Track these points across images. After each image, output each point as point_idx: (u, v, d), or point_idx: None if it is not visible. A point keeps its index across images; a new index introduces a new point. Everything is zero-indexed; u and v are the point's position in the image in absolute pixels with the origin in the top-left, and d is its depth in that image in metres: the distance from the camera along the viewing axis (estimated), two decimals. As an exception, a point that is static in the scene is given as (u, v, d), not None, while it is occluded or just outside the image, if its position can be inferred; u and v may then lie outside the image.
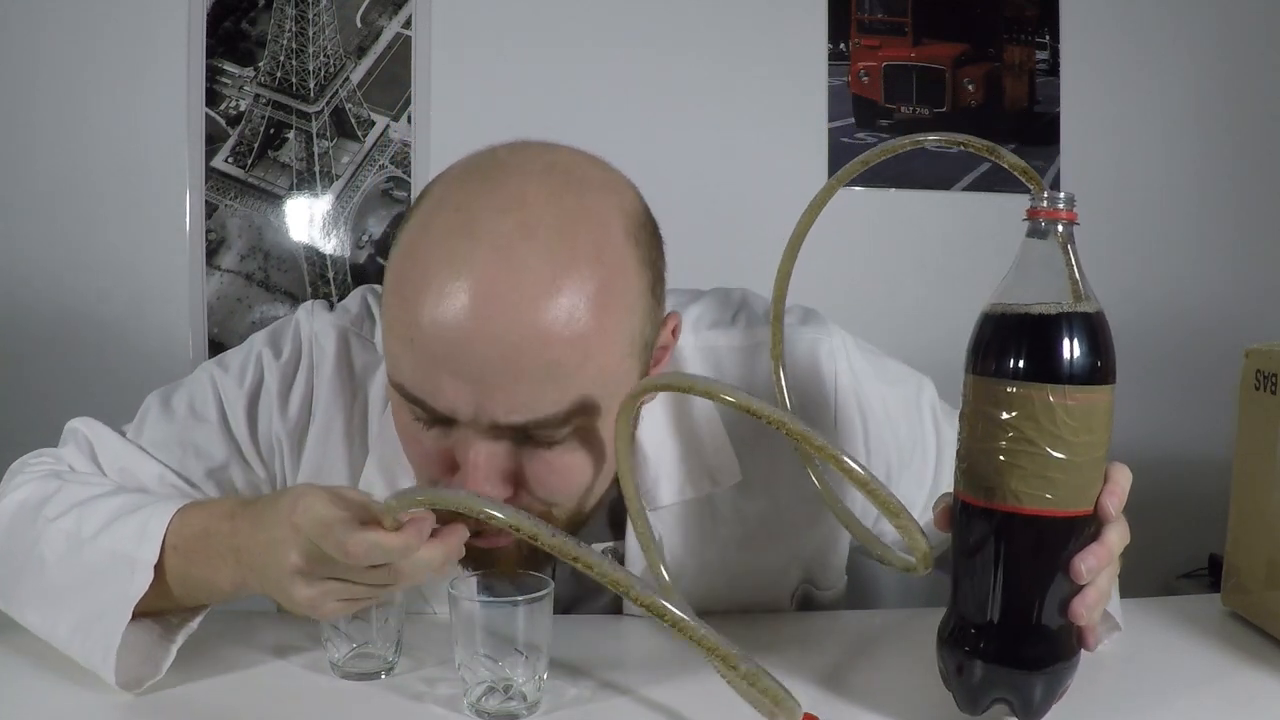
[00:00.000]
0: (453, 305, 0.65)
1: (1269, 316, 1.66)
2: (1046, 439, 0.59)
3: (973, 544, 0.64)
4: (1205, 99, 1.64)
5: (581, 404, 0.68)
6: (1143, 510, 1.78)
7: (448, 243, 0.67)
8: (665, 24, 1.58)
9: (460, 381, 0.66)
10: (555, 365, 0.66)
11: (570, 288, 0.66)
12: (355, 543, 0.62)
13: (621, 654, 0.83)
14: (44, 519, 0.78)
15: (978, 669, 0.64)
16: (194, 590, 0.75)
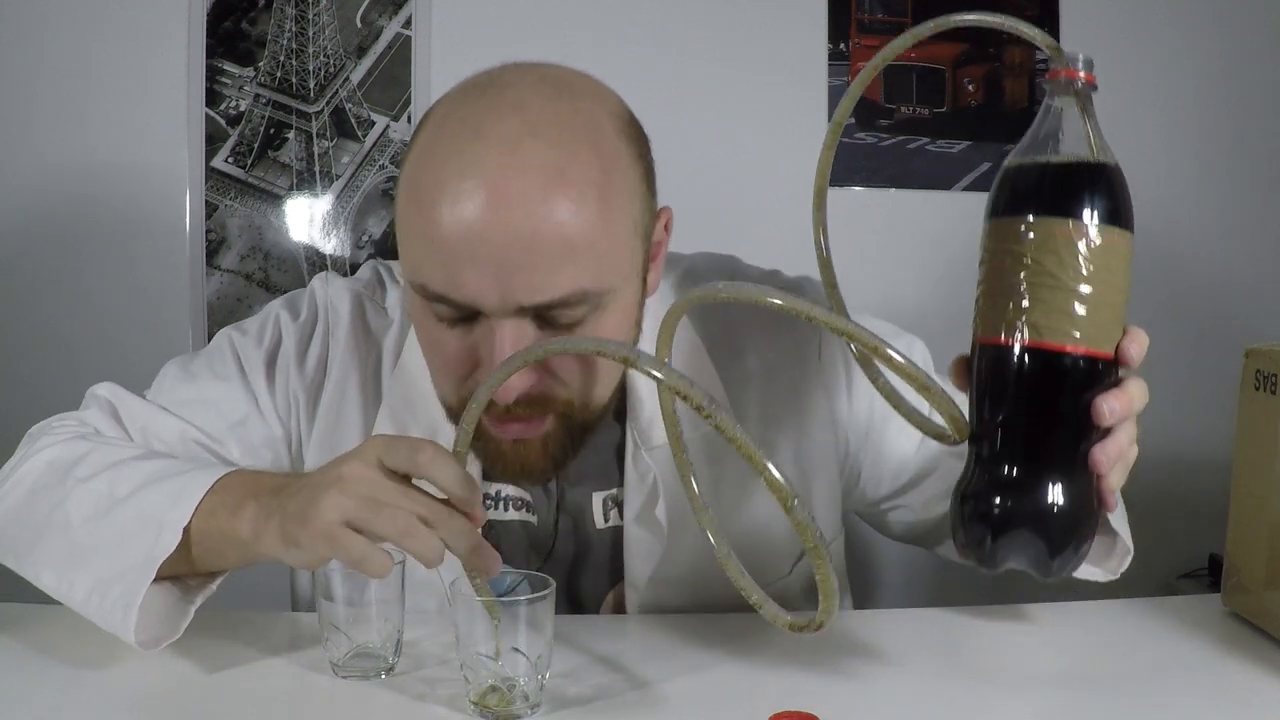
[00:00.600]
0: (469, 201, 0.70)
1: (1269, 316, 1.66)
2: (1067, 273, 0.59)
3: (992, 388, 0.62)
4: (1206, 99, 1.64)
5: (595, 282, 0.74)
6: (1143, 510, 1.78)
7: (457, 146, 0.72)
8: (665, 24, 1.58)
9: (481, 271, 0.71)
10: (568, 245, 0.71)
11: (575, 176, 0.72)
12: (430, 444, 0.66)
13: (621, 654, 0.83)
14: (74, 479, 0.78)
15: (996, 521, 0.61)
16: (211, 544, 0.75)
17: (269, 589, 0.99)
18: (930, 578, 1.69)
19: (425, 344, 0.80)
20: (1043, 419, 0.61)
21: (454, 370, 0.78)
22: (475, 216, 0.70)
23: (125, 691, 0.74)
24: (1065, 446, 0.61)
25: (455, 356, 0.77)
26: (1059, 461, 0.61)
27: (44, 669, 0.78)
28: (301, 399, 0.90)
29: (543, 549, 0.91)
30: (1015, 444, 0.62)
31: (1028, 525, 0.61)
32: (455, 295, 0.73)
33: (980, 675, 0.79)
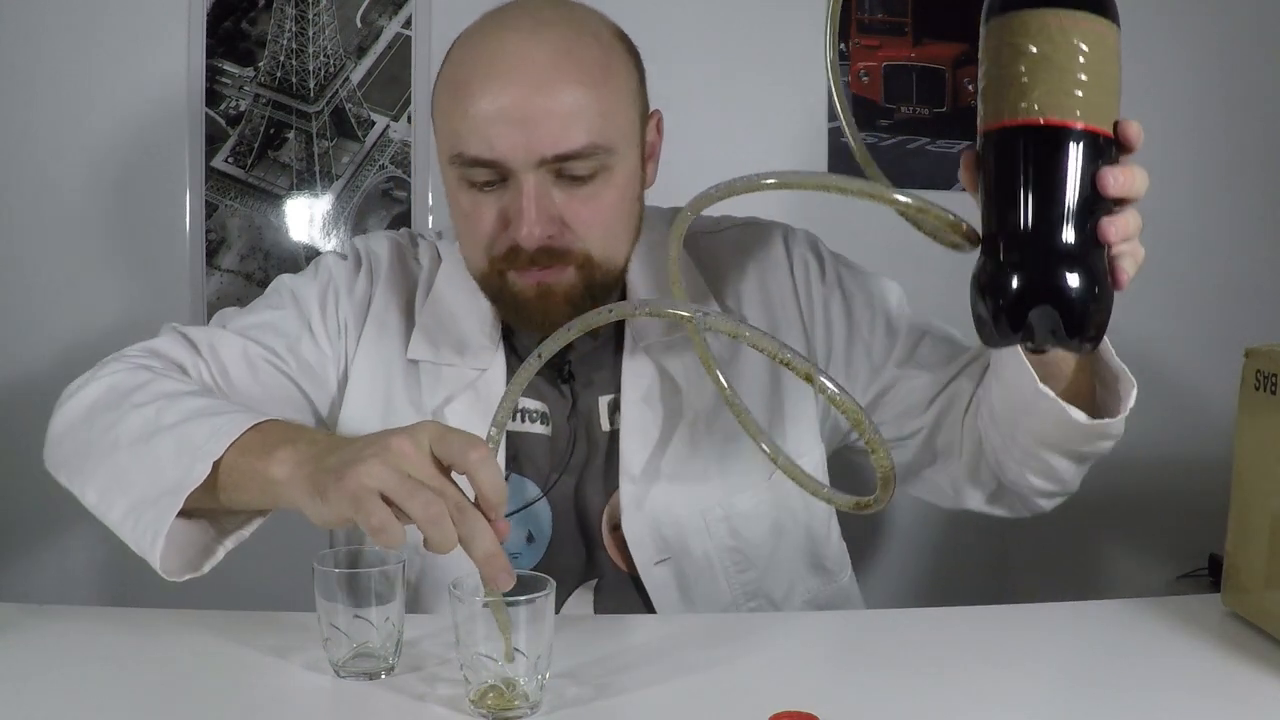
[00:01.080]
0: (497, 76, 0.87)
1: (1269, 316, 1.66)
2: (1063, 56, 0.64)
3: (1002, 171, 0.65)
4: (1204, 98, 1.64)
5: (602, 138, 0.88)
6: (1143, 510, 1.78)
7: (483, 40, 0.90)
8: (664, 24, 1.57)
9: (510, 131, 0.86)
10: (578, 105, 0.87)
11: (580, 54, 0.88)
12: (481, 444, 0.70)
13: (621, 654, 0.83)
14: (130, 404, 0.85)
15: (1014, 295, 0.63)
16: (239, 478, 0.78)
17: (270, 589, 0.99)
18: (930, 578, 1.69)
19: (460, 217, 0.93)
20: (1051, 193, 0.64)
21: (486, 232, 0.90)
22: (502, 87, 0.86)
23: (125, 691, 0.74)
24: (1075, 219, 0.64)
25: (488, 219, 0.90)
26: (1070, 234, 0.64)
27: (44, 669, 0.78)
28: (350, 323, 1.02)
29: (560, 457, 0.98)
30: (1027, 221, 0.64)
31: (1046, 294, 0.63)
32: (489, 155, 0.87)
33: (980, 675, 0.79)
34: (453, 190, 0.93)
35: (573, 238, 0.90)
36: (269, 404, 0.95)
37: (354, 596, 0.76)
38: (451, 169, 0.91)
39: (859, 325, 1.02)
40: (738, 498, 0.99)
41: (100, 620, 0.88)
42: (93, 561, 1.58)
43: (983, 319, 0.65)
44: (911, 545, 1.68)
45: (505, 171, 0.87)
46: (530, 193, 0.87)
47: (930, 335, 1.02)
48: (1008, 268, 0.64)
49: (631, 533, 0.96)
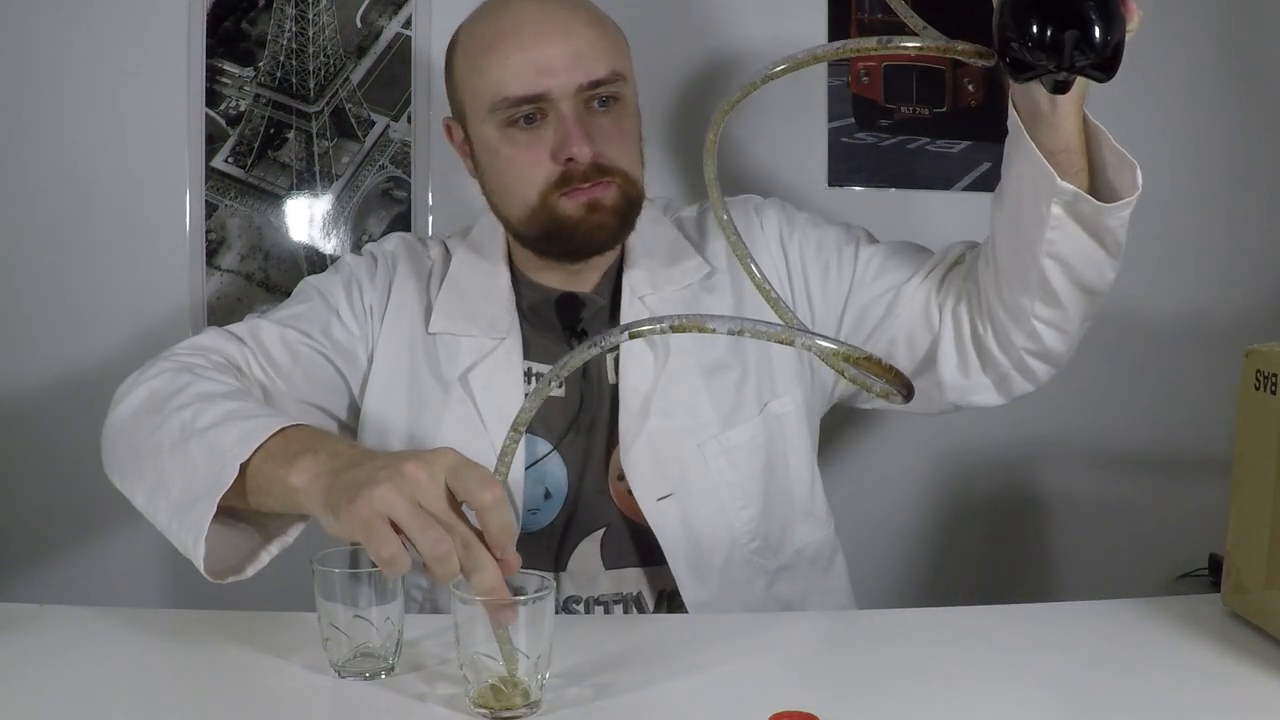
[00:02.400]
0: (523, 28, 1.01)
1: (1269, 316, 1.66)
2: None
3: None
4: (1205, 97, 1.64)
5: (621, 64, 1.04)
6: (1143, 510, 1.77)
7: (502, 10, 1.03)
8: (664, 24, 1.57)
9: (550, 65, 0.99)
10: (598, 41, 1.02)
11: (586, 7, 1.05)
12: (497, 485, 0.70)
13: (621, 654, 0.83)
14: (171, 408, 0.87)
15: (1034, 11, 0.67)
16: (263, 483, 0.79)
17: (271, 589, 0.99)
18: (930, 578, 1.69)
19: (505, 164, 1.04)
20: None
21: (535, 165, 1.01)
22: (535, 33, 1.00)
23: (125, 692, 0.74)
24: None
25: (536, 153, 1.01)
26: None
27: (44, 669, 0.78)
28: (375, 307, 1.10)
29: (573, 416, 1.06)
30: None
31: (1065, 18, 0.67)
32: (533, 90, 0.99)
33: (980, 675, 0.79)
34: (493, 145, 1.04)
35: (612, 152, 1.02)
36: (311, 387, 1.04)
37: (354, 596, 0.76)
38: (491, 120, 1.02)
39: (823, 260, 1.11)
40: (732, 431, 1.06)
41: (100, 620, 0.88)
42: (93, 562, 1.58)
43: (1011, 47, 0.69)
44: (911, 545, 1.68)
45: (547, 105, 1.00)
46: (574, 117, 1.00)
47: (898, 248, 1.12)
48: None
49: (632, 468, 1.02)
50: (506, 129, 1.02)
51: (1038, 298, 0.96)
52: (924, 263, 1.10)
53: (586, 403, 1.07)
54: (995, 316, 1.01)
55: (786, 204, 1.19)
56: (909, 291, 1.08)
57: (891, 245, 1.13)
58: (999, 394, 1.06)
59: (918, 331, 1.07)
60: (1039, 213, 0.90)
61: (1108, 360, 1.54)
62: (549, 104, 1.00)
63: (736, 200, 1.18)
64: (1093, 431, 1.59)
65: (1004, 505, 1.66)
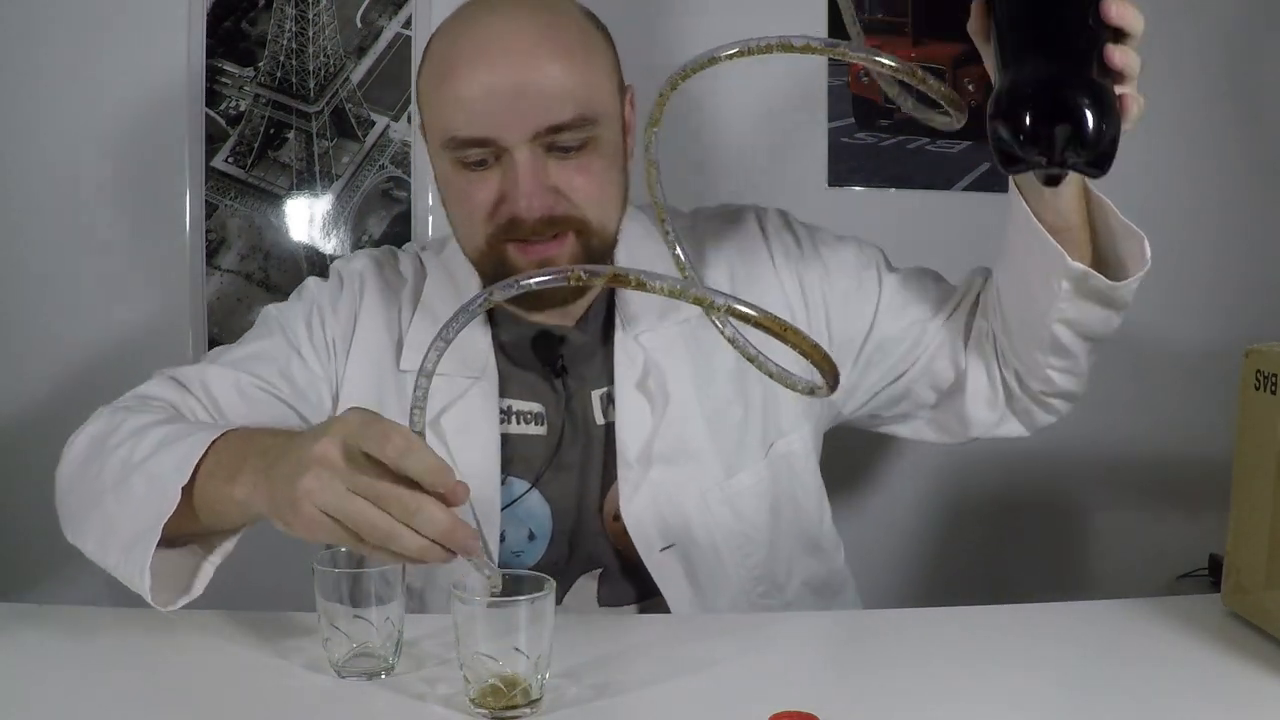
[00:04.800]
0: (483, 58, 0.89)
1: (1269, 316, 1.66)
2: None
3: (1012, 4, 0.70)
4: (1205, 97, 1.64)
5: (589, 108, 0.91)
6: (1143, 510, 1.77)
7: (467, 24, 0.92)
8: (664, 25, 1.57)
9: (500, 107, 0.88)
10: (564, 77, 0.90)
11: (561, 31, 0.92)
12: (399, 433, 0.68)
13: (621, 654, 0.83)
14: (107, 449, 0.85)
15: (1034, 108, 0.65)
16: (213, 504, 0.78)
17: (271, 589, 0.99)
18: (930, 577, 1.69)
19: (455, 202, 0.95)
20: (1055, 17, 0.68)
21: (483, 210, 0.92)
22: (489, 66, 0.89)
23: (125, 691, 0.74)
24: (1079, 43, 0.68)
25: (485, 197, 0.92)
26: (1074, 56, 0.68)
27: (44, 669, 0.78)
28: (338, 341, 1.02)
29: (549, 451, 0.99)
30: (1034, 46, 0.68)
31: (1064, 106, 0.65)
32: (480, 133, 0.89)
33: (980, 675, 0.79)
34: (446, 177, 0.95)
35: (569, 205, 0.92)
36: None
37: (354, 596, 0.76)
38: (444, 154, 0.93)
39: (846, 291, 1.04)
40: (737, 477, 1.01)
41: (100, 620, 0.88)
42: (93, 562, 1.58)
43: (1003, 142, 0.67)
44: (911, 545, 1.68)
45: (499, 149, 0.90)
46: (525, 165, 0.89)
47: (918, 281, 1.06)
48: (1025, 86, 0.66)
49: (632, 521, 0.97)
50: (458, 166, 0.93)
51: (1050, 353, 0.96)
52: (947, 298, 1.05)
53: (568, 439, 1.00)
54: (1010, 363, 1.00)
55: (790, 216, 1.11)
56: (933, 330, 1.04)
57: (911, 274, 1.07)
58: (1024, 427, 1.05)
59: (941, 369, 1.04)
60: (1049, 287, 0.90)
61: (1108, 360, 1.54)
62: (501, 148, 0.90)
63: (732, 209, 1.11)
64: (1093, 431, 1.59)
65: (1004, 505, 1.66)
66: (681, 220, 1.09)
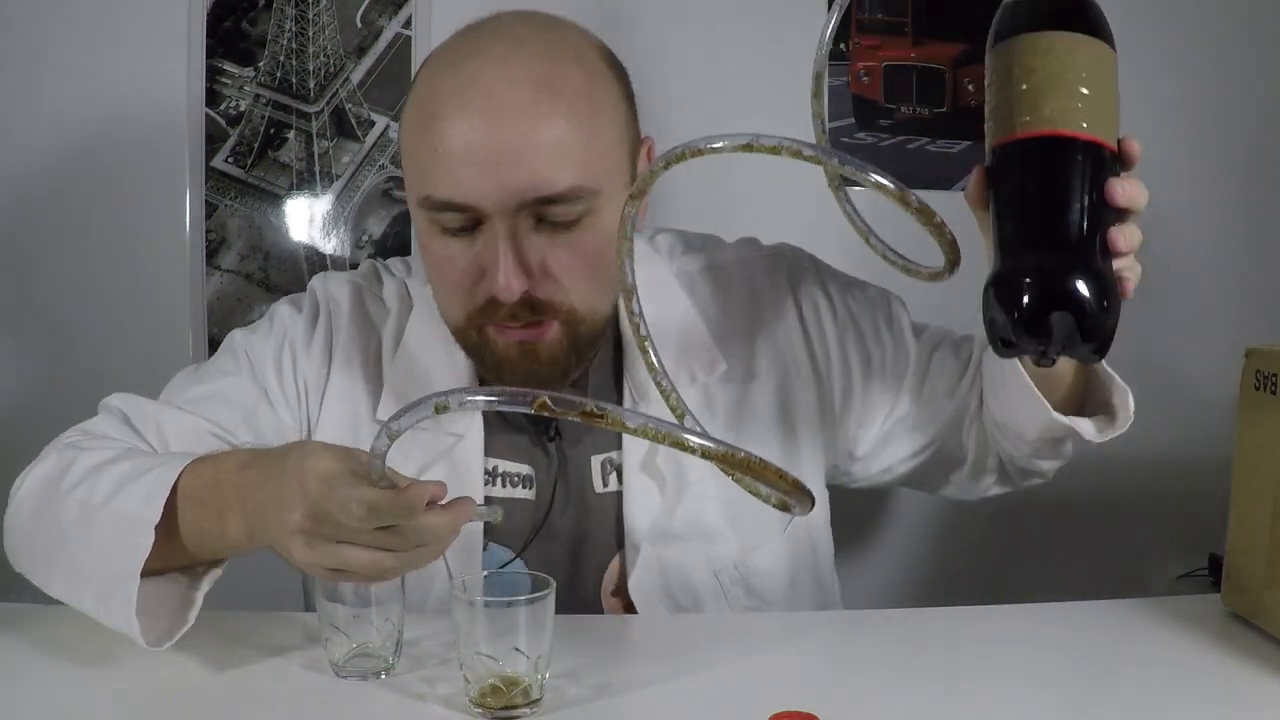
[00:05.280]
0: (467, 111, 0.77)
1: (1269, 316, 1.66)
2: (1070, 74, 0.67)
3: (1013, 182, 0.68)
4: (1205, 97, 1.64)
5: (587, 179, 0.79)
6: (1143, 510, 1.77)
7: (454, 68, 0.80)
8: (664, 25, 1.57)
9: (481, 171, 0.77)
10: (560, 142, 0.78)
11: (563, 83, 0.79)
12: (358, 501, 0.64)
13: (621, 654, 0.83)
14: (61, 491, 0.79)
15: (1033, 299, 0.64)
16: (208, 542, 0.76)
17: (271, 589, 0.99)
18: (930, 577, 1.69)
19: (433, 265, 0.85)
20: (1066, 201, 0.66)
21: (461, 283, 0.82)
22: (473, 123, 0.77)
23: (126, 691, 0.74)
24: (1087, 227, 0.66)
25: (462, 269, 0.82)
26: (1084, 242, 0.65)
27: (44, 669, 0.78)
28: (310, 384, 0.94)
29: (538, 520, 0.92)
30: (1038, 230, 0.66)
31: (1064, 298, 0.63)
32: (459, 198, 0.78)
33: (980, 675, 0.79)
34: (423, 235, 0.84)
35: (555, 288, 0.82)
36: None
37: (354, 596, 0.76)
38: (420, 212, 0.82)
39: (874, 360, 0.99)
40: (753, 555, 0.94)
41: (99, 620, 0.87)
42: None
43: (999, 328, 0.65)
44: (911, 545, 1.68)
45: (479, 216, 0.79)
46: (506, 240, 0.78)
47: (939, 352, 1.00)
48: (1025, 274, 0.64)
49: (641, 598, 0.92)
50: (435, 228, 0.82)
51: (1036, 457, 0.94)
52: (963, 372, 0.99)
53: (559, 507, 0.92)
54: (1001, 447, 0.97)
55: (822, 268, 1.02)
56: (949, 408, 0.99)
57: (933, 343, 1.01)
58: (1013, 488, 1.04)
59: (951, 448, 1.01)
60: (1034, 422, 0.87)
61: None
62: (482, 215, 0.80)
63: (760, 260, 1.01)
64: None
65: (1004, 505, 1.66)
66: (694, 260, 1.00)
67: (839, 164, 0.62)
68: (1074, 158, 0.66)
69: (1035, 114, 0.67)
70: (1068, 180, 0.66)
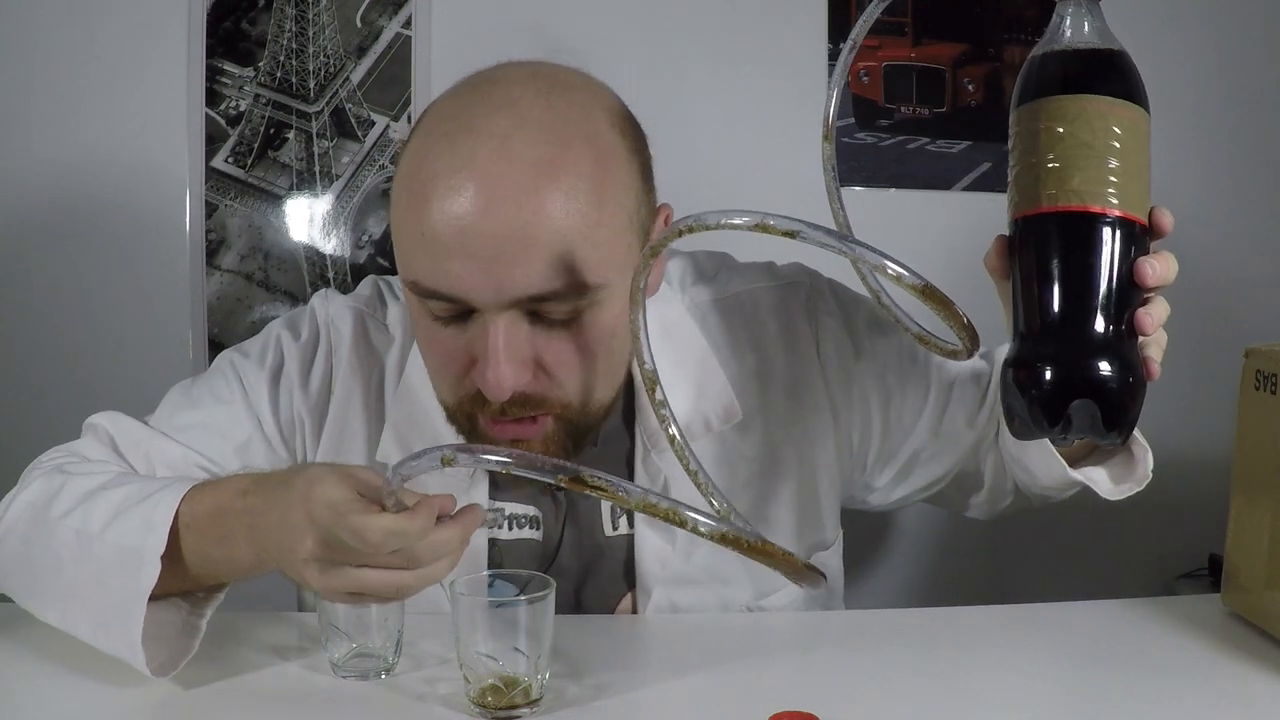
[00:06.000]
0: (459, 195, 0.70)
1: (1269, 316, 1.66)
2: (1100, 142, 0.62)
3: (1037, 259, 0.64)
4: (1205, 97, 1.64)
5: (589, 275, 0.73)
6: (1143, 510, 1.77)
7: (449, 142, 0.72)
8: (665, 25, 1.57)
9: (473, 265, 0.71)
10: (560, 238, 0.71)
11: (567, 168, 0.72)
12: (370, 530, 0.63)
13: (622, 654, 0.83)
14: (52, 517, 0.77)
15: (1053, 386, 0.61)
16: (215, 569, 0.75)
17: (271, 589, 0.99)
18: (930, 577, 1.69)
19: (423, 343, 0.80)
20: (1093, 283, 0.62)
21: (450, 370, 0.77)
22: (465, 210, 0.70)
23: (126, 691, 0.74)
24: (1115, 310, 0.63)
25: (451, 355, 0.76)
26: (1110, 325, 0.62)
27: (45, 670, 0.78)
28: (306, 420, 0.90)
29: (545, 560, 0.90)
30: (1067, 311, 0.63)
31: (1087, 387, 0.61)
32: (446, 290, 0.73)
33: (980, 675, 0.79)
34: (414, 313, 0.79)
35: (550, 384, 0.76)
36: None
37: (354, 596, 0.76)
38: (409, 293, 0.77)
39: (893, 398, 0.95)
40: (768, 600, 0.92)
41: (100, 620, 0.87)
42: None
43: (1017, 412, 0.63)
44: (911, 545, 1.68)
45: (469, 308, 0.74)
46: (499, 336, 0.72)
47: (959, 381, 0.97)
48: (1047, 360, 0.62)
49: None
50: (425, 311, 0.77)
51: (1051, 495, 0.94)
52: (982, 398, 0.97)
53: (568, 549, 0.90)
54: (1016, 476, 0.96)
55: (841, 296, 0.97)
56: (970, 438, 0.97)
57: (953, 371, 0.98)
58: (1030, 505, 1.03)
59: (969, 473, 0.99)
60: (1048, 477, 0.87)
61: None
62: (473, 308, 0.74)
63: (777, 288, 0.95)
64: (1093, 431, 1.59)
65: (1004, 505, 1.66)
66: (704, 290, 0.94)
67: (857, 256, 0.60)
68: (1102, 236, 0.62)
69: (1062, 187, 0.63)
70: (1095, 261, 0.62)
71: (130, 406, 0.93)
